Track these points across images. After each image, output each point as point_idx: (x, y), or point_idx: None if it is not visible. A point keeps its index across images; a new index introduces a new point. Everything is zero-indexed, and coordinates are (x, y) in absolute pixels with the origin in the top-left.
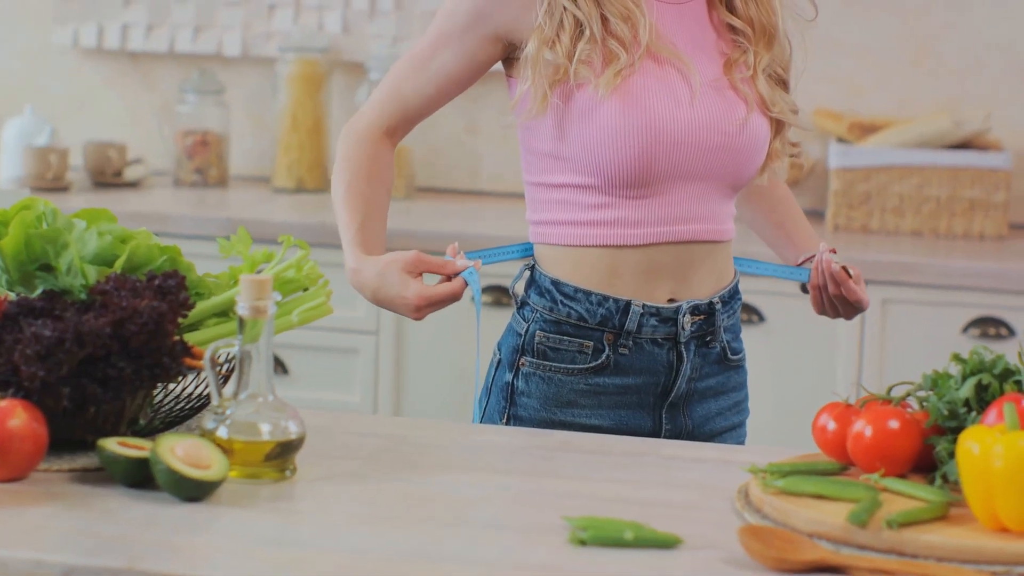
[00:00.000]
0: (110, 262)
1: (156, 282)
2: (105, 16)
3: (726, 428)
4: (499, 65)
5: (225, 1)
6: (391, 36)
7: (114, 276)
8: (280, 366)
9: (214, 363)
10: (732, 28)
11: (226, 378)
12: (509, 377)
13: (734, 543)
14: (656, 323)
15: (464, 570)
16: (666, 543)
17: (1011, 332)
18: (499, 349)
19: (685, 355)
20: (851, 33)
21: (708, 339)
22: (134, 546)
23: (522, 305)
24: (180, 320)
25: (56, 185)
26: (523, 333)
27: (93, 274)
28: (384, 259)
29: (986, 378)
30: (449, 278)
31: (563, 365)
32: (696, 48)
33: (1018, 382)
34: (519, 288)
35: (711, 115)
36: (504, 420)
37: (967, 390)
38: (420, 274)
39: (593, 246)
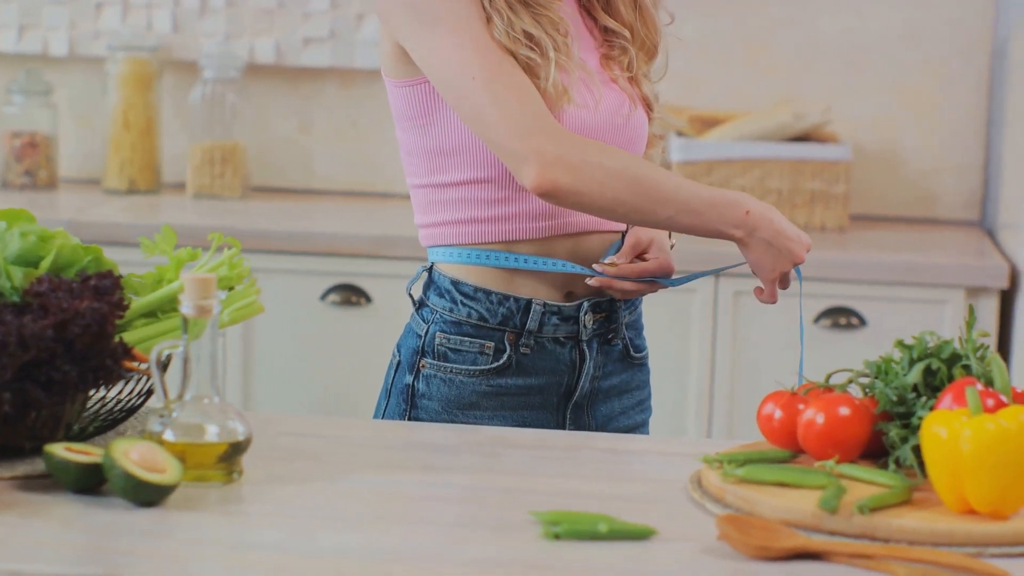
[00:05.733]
0: (34, 263)
1: (92, 283)
2: None
3: (629, 427)
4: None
5: (50, 0)
6: (223, 34)
7: (47, 277)
8: None
9: (159, 364)
10: (606, 28)
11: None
12: (409, 379)
13: (706, 532)
14: (558, 321)
15: (454, 569)
16: (641, 534)
17: (863, 322)
18: (398, 351)
19: (588, 353)
20: (686, 27)
21: (610, 336)
22: (110, 554)
23: (420, 306)
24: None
25: None
26: (423, 335)
27: (19, 275)
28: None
29: (934, 363)
30: None
31: (464, 367)
32: (577, 43)
33: (966, 366)
34: (416, 290)
35: (604, 104)
36: None
37: (915, 375)
38: None
39: (491, 243)
